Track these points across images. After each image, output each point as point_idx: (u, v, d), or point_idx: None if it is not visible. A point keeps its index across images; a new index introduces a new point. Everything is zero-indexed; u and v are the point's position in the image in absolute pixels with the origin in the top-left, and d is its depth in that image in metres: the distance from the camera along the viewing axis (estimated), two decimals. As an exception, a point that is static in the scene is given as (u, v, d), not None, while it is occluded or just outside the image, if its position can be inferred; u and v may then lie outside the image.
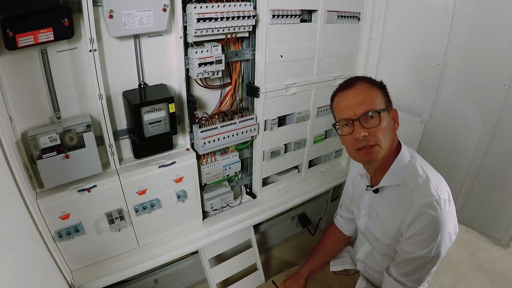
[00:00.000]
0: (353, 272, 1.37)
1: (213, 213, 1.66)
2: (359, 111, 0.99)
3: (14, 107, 1.08)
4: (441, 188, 1.00)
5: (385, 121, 1.00)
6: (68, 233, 1.23)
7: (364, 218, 1.21)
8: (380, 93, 1.03)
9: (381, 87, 1.05)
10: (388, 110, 1.02)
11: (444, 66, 1.56)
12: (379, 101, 1.01)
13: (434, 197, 0.96)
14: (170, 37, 1.27)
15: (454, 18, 1.47)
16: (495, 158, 1.55)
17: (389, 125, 1.02)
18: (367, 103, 1.00)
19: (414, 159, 1.07)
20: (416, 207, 0.98)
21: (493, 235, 1.69)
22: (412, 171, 1.04)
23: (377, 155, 1.02)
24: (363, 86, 1.03)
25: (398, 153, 1.07)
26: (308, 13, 1.53)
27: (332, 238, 1.45)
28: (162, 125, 1.27)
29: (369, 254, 1.28)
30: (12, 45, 0.97)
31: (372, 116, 0.99)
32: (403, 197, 1.03)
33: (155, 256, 1.43)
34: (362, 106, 0.99)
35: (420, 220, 0.98)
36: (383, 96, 1.03)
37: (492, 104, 1.47)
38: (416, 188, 1.01)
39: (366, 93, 1.01)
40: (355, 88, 1.03)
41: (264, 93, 1.50)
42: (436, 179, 1.02)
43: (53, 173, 1.13)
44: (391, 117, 1.04)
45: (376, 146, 1.00)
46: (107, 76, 1.21)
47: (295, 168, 1.89)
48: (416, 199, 0.99)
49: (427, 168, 1.05)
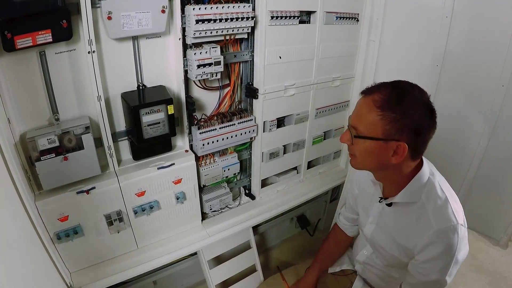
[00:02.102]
0: (350, 272, 1.37)
1: (212, 215, 1.65)
2: (352, 121, 0.97)
3: (13, 109, 1.08)
4: (459, 211, 0.97)
5: (363, 146, 0.94)
6: (67, 235, 1.22)
7: (371, 225, 1.18)
8: (381, 118, 0.89)
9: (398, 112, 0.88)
10: (377, 140, 0.91)
11: (443, 67, 1.56)
12: (372, 127, 0.91)
13: (452, 222, 0.94)
14: (169, 39, 1.27)
15: (452, 19, 1.47)
16: (494, 159, 1.55)
17: (370, 152, 0.94)
18: (357, 120, 0.95)
19: (433, 176, 1.01)
20: (434, 231, 0.95)
21: (492, 235, 1.69)
22: (430, 191, 0.99)
23: (354, 165, 1.01)
24: (369, 102, 0.92)
25: (418, 170, 1.00)
26: (307, 14, 1.53)
27: (337, 239, 1.43)
28: (160, 126, 1.26)
29: (369, 257, 1.26)
30: (10, 47, 0.97)
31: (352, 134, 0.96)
32: (419, 216, 0.99)
33: (154, 258, 1.43)
34: (355, 119, 0.96)
35: (436, 245, 0.96)
36: (387, 123, 0.89)
37: (491, 105, 1.47)
38: (434, 210, 0.97)
39: (365, 110, 0.92)
40: (364, 99, 0.94)
41: (263, 94, 1.50)
42: (454, 201, 0.98)
43: (52, 175, 1.13)
44: (389, 147, 0.91)
45: (353, 157, 0.99)
46: (106, 77, 1.20)
47: (294, 169, 1.89)
48: (434, 222, 0.95)
49: (446, 188, 1.00)
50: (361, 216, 1.25)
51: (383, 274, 1.22)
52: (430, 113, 0.91)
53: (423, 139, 0.93)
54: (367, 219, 1.19)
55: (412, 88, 0.92)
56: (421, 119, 0.89)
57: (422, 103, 0.90)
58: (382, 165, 0.97)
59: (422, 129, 0.90)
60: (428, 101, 0.91)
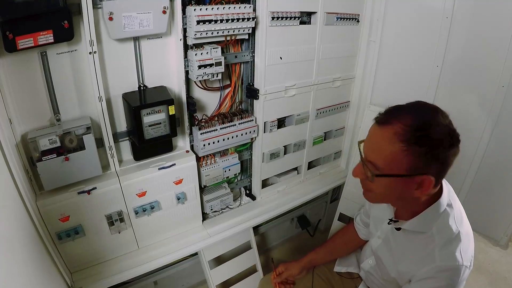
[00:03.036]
0: (356, 276, 1.35)
1: (212, 215, 1.66)
2: (367, 155, 0.86)
3: (14, 110, 1.08)
4: (467, 252, 0.91)
5: (387, 184, 0.85)
6: (68, 235, 1.23)
7: (378, 240, 1.14)
8: (407, 153, 0.79)
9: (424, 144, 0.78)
10: (403, 177, 0.82)
11: (443, 68, 1.56)
12: (395, 162, 0.80)
13: (458, 262, 0.88)
14: (170, 39, 1.27)
15: (453, 20, 1.47)
16: (494, 159, 1.55)
17: (395, 188, 0.85)
18: (375, 155, 0.83)
19: (451, 208, 0.93)
20: (435, 266, 0.89)
21: (492, 236, 1.69)
22: (443, 223, 0.92)
23: (370, 200, 0.94)
24: (389, 134, 0.80)
25: (436, 197, 0.92)
26: (308, 15, 1.54)
27: (345, 237, 1.38)
28: (162, 127, 1.27)
29: (373, 268, 1.23)
30: (12, 48, 0.97)
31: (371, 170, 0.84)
32: (425, 246, 0.94)
33: (155, 258, 1.43)
34: (372, 154, 0.85)
35: (435, 280, 0.90)
36: (413, 158, 0.79)
37: (491, 106, 1.47)
38: (442, 245, 0.90)
39: (385, 145, 0.81)
40: (382, 130, 0.83)
41: (264, 95, 1.50)
42: (466, 239, 0.91)
43: (53, 175, 1.13)
44: (414, 182, 0.83)
45: (369, 192, 0.91)
46: (107, 78, 1.21)
47: (295, 169, 1.89)
48: (438, 257, 0.90)
49: (461, 223, 0.93)
50: (371, 226, 1.21)
51: (383, 287, 1.20)
52: (452, 137, 0.81)
53: (449, 165, 0.84)
54: (376, 232, 1.17)
55: (436, 114, 0.82)
56: (449, 149, 0.80)
57: (448, 130, 0.80)
58: (403, 198, 0.91)
59: (448, 158, 0.81)
60: (452, 125, 0.82)
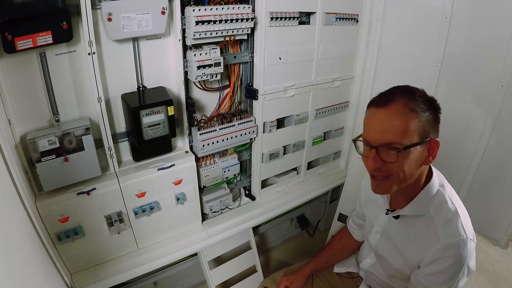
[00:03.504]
0: (356, 275, 1.35)
1: (212, 215, 1.66)
2: (381, 139, 0.86)
3: (13, 110, 1.09)
4: (468, 226, 0.93)
5: (409, 157, 0.86)
6: (68, 236, 1.23)
7: (376, 235, 1.15)
8: (418, 120, 0.84)
9: (426, 109, 0.86)
10: (421, 143, 0.86)
11: (442, 68, 1.56)
12: (411, 133, 0.84)
13: (462, 236, 0.90)
14: (169, 40, 1.27)
15: (452, 19, 1.47)
16: (494, 159, 1.55)
17: (415, 160, 0.87)
18: (392, 133, 0.85)
19: (443, 188, 0.97)
20: (442, 245, 0.91)
21: (492, 235, 1.69)
22: (439, 203, 0.95)
23: (389, 188, 0.93)
24: (398, 108, 0.85)
25: (427, 182, 0.96)
26: (307, 15, 1.54)
27: (342, 242, 1.40)
28: (161, 127, 1.27)
29: (372, 266, 1.23)
30: (11, 48, 0.97)
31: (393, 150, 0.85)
32: (427, 229, 0.96)
33: (155, 259, 1.43)
34: (386, 135, 0.85)
35: (444, 260, 0.92)
36: (423, 124, 0.85)
37: (491, 106, 1.47)
38: (443, 224, 0.93)
39: (398, 119, 0.84)
40: (388, 109, 0.86)
41: (263, 95, 1.50)
42: (463, 215, 0.95)
43: (52, 176, 1.13)
44: (426, 148, 0.88)
45: (392, 176, 0.90)
46: (106, 79, 1.21)
47: (294, 170, 1.89)
48: (443, 236, 0.92)
49: (456, 201, 0.97)
50: (367, 224, 1.22)
51: (385, 285, 1.20)
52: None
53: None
54: (372, 228, 1.17)
55: (416, 88, 0.92)
56: (439, 111, 0.90)
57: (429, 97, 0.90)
58: (418, 172, 0.93)
59: (439, 120, 0.91)
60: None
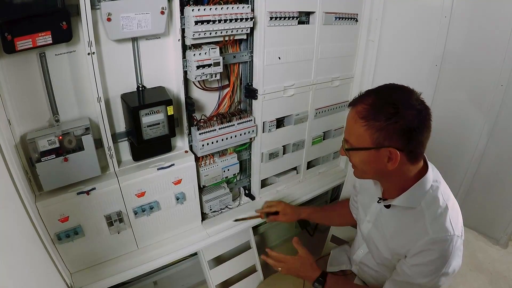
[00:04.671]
0: (349, 273, 1.36)
1: (212, 215, 1.66)
2: (345, 134, 1.00)
3: (13, 111, 1.09)
4: (457, 223, 0.96)
5: (357, 157, 0.97)
6: (67, 235, 1.23)
7: (368, 224, 1.18)
8: (366, 127, 0.90)
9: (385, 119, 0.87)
10: (367, 149, 0.93)
11: (442, 67, 1.56)
12: (358, 137, 0.93)
13: (449, 232, 0.93)
14: (168, 40, 1.27)
15: (451, 19, 1.47)
16: (494, 158, 1.56)
17: (366, 161, 0.96)
18: (346, 132, 0.98)
19: (438, 184, 0.99)
20: (429, 238, 0.94)
21: (492, 235, 1.69)
22: (431, 198, 0.97)
23: (356, 175, 1.05)
24: (355, 113, 0.93)
25: (422, 175, 0.98)
26: (306, 15, 1.54)
27: (342, 210, 1.46)
28: (160, 127, 1.27)
29: (365, 257, 1.26)
30: (11, 49, 0.97)
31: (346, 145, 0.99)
32: (416, 221, 0.98)
33: (155, 258, 1.43)
34: (346, 132, 0.99)
35: (429, 253, 0.95)
36: (374, 132, 0.89)
37: (490, 105, 1.48)
38: (432, 218, 0.95)
39: (352, 123, 0.94)
40: (352, 111, 0.95)
41: (262, 95, 1.50)
42: (454, 212, 0.97)
43: (52, 176, 1.13)
44: (382, 155, 0.91)
45: (354, 169, 1.03)
46: (106, 79, 1.21)
47: (294, 169, 1.89)
48: (431, 230, 0.94)
49: (448, 198, 0.99)
50: (360, 213, 1.25)
51: (377, 274, 1.22)
52: (419, 114, 0.87)
53: (417, 141, 0.90)
54: (365, 217, 1.20)
55: (396, 92, 0.91)
56: (409, 122, 0.86)
57: (408, 106, 0.87)
58: (381, 172, 0.97)
59: (412, 131, 0.87)
60: (417, 101, 0.88)
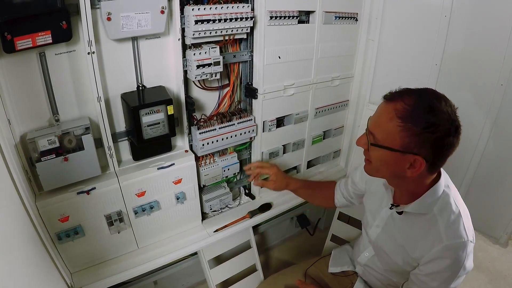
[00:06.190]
0: (351, 273, 1.36)
1: (212, 215, 1.66)
2: (370, 125, 0.94)
3: (13, 110, 1.09)
4: (469, 228, 0.96)
5: (377, 155, 0.93)
6: (68, 235, 1.23)
7: (377, 229, 1.16)
8: (401, 128, 0.85)
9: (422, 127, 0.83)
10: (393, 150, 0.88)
11: (442, 66, 1.56)
12: (388, 135, 0.88)
13: (463, 238, 0.93)
14: (168, 39, 1.27)
15: (451, 18, 1.47)
16: (494, 158, 1.56)
17: (385, 161, 0.92)
18: (374, 126, 0.92)
19: (449, 189, 0.99)
20: (444, 246, 0.94)
21: (492, 234, 1.70)
22: (444, 204, 0.97)
23: (369, 172, 1.01)
24: (392, 109, 0.87)
25: (434, 182, 0.98)
26: (306, 14, 1.54)
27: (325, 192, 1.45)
28: (160, 127, 1.27)
29: (370, 260, 1.24)
30: (10, 48, 0.97)
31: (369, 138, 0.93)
32: (429, 228, 0.98)
33: (155, 258, 1.43)
34: (375, 125, 0.92)
35: (444, 260, 0.95)
36: (405, 135, 0.85)
37: (490, 104, 1.48)
38: (446, 225, 0.95)
39: (386, 118, 0.88)
40: (388, 105, 0.89)
41: (262, 94, 1.50)
42: (466, 217, 0.97)
43: (52, 175, 1.13)
44: (405, 160, 0.88)
45: (368, 163, 0.98)
46: (106, 78, 1.21)
47: (294, 168, 1.89)
48: (445, 237, 0.94)
49: (459, 203, 0.99)
50: (367, 217, 1.22)
51: (383, 277, 1.21)
52: (456, 130, 0.85)
53: (444, 155, 0.88)
54: (373, 222, 1.18)
55: (440, 101, 0.86)
56: (444, 136, 0.84)
57: (448, 119, 0.84)
58: (396, 176, 0.96)
59: (443, 146, 0.85)
60: (455, 117, 0.86)
